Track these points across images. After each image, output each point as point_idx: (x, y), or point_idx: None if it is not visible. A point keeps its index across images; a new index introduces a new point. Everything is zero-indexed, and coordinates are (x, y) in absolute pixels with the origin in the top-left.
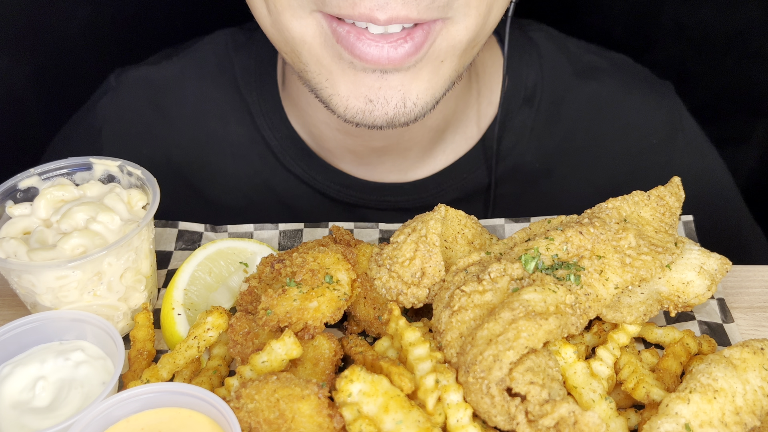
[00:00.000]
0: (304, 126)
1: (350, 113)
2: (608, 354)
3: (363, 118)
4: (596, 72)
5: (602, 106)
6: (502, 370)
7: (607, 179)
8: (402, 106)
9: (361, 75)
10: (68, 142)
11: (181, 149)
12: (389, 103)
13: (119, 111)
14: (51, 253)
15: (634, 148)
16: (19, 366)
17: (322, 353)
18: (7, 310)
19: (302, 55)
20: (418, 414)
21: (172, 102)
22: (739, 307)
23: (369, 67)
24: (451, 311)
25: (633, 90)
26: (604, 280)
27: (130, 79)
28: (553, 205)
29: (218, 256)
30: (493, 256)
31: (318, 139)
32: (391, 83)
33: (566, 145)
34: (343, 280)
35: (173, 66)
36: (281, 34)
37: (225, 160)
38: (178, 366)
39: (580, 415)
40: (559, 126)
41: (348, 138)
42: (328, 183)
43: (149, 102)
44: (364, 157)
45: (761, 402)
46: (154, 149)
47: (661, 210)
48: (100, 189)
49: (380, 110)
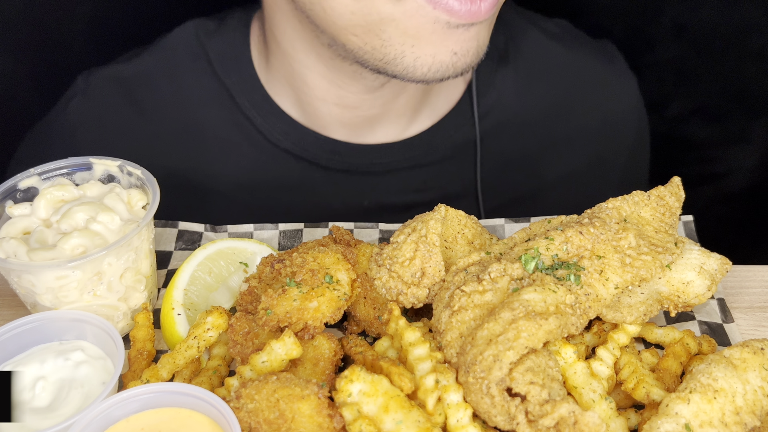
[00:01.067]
0: (294, 103)
1: (434, 69)
2: (608, 354)
3: (446, 70)
4: (553, 33)
5: (567, 62)
6: (502, 370)
7: (581, 132)
8: (476, 54)
9: (451, 32)
10: (37, 149)
11: (162, 142)
12: (469, 52)
13: (93, 111)
14: (51, 253)
15: (599, 97)
16: (19, 366)
17: (322, 353)
18: (7, 310)
19: (385, 33)
20: (418, 414)
21: (148, 96)
22: (739, 307)
23: (462, 23)
24: (451, 311)
25: (585, 47)
26: (604, 280)
27: (101, 78)
28: (538, 159)
29: (218, 256)
30: (493, 256)
31: (310, 115)
32: (471, 34)
33: (544, 100)
34: (343, 280)
35: (143, 61)
36: (366, 17)
37: (208, 147)
38: (178, 366)
39: (580, 415)
40: (536, 82)
41: (345, 111)
42: (318, 152)
43: (124, 98)
44: (357, 128)
45: (761, 402)
46: (134, 145)
47: (661, 210)
48: (100, 189)
49: (462, 60)
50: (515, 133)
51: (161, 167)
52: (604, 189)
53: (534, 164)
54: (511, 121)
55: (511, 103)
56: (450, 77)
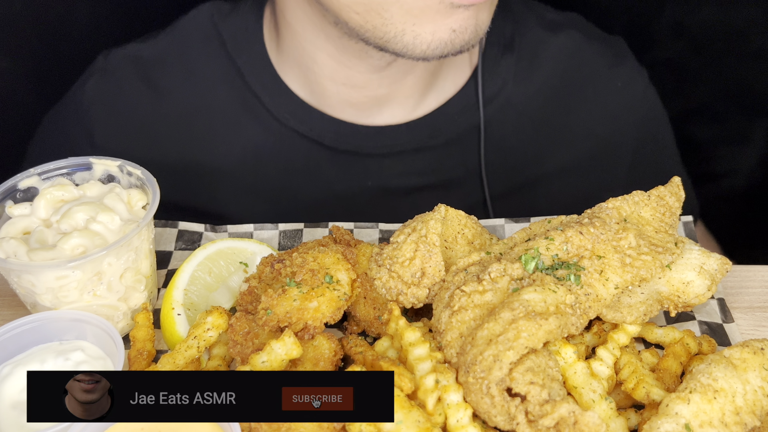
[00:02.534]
0: (303, 84)
1: (433, 46)
2: (608, 354)
3: (444, 47)
4: (560, 26)
5: (571, 55)
6: (502, 370)
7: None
8: (474, 32)
9: (454, 12)
10: (56, 125)
11: (172, 121)
12: (467, 30)
13: (109, 89)
14: (51, 253)
15: (602, 92)
16: (19, 366)
17: (322, 353)
18: (7, 310)
19: (388, 12)
20: (418, 414)
21: (161, 76)
22: (739, 307)
23: (464, 4)
24: (451, 311)
25: (593, 41)
26: (604, 280)
27: (119, 58)
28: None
29: (218, 256)
30: (493, 256)
31: (319, 96)
32: (470, 13)
33: (547, 89)
34: (343, 280)
35: (160, 42)
36: None
37: (217, 128)
38: (177, 366)
39: (580, 415)
40: (538, 72)
41: (353, 91)
42: (323, 132)
43: (139, 78)
44: (365, 108)
45: (761, 402)
46: (146, 123)
47: (661, 210)
48: (99, 189)
49: (460, 37)
50: (518, 120)
51: (170, 147)
52: (608, 182)
53: (537, 152)
54: (515, 109)
55: (516, 91)
56: (449, 54)
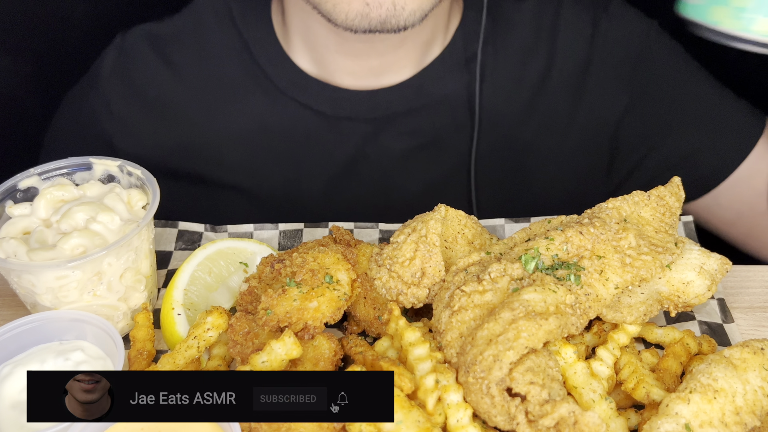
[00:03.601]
0: (306, 56)
1: (350, 17)
2: (608, 354)
3: (361, 20)
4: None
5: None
6: (502, 370)
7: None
8: (392, 9)
9: None
10: (76, 97)
11: (183, 95)
12: (382, 6)
13: (125, 62)
14: (51, 253)
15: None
16: (19, 366)
17: (322, 353)
18: (7, 310)
19: None
20: (418, 414)
21: (176, 52)
22: (739, 307)
23: None
24: (451, 311)
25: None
26: (604, 280)
27: (136, 35)
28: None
29: (218, 256)
30: (493, 256)
31: (322, 67)
32: None
33: (523, 48)
34: (343, 280)
35: (176, 21)
36: None
37: (225, 101)
38: (177, 366)
39: (580, 415)
40: (513, 32)
41: (349, 60)
42: (324, 100)
43: (155, 53)
44: (363, 78)
45: (761, 402)
46: (160, 94)
47: (661, 210)
48: (100, 189)
49: (376, 12)
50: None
51: (182, 117)
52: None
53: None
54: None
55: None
56: (376, 30)
